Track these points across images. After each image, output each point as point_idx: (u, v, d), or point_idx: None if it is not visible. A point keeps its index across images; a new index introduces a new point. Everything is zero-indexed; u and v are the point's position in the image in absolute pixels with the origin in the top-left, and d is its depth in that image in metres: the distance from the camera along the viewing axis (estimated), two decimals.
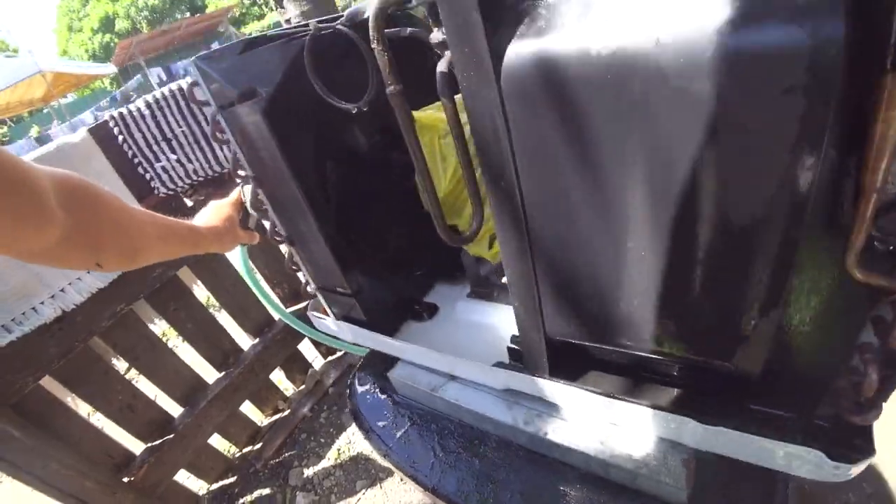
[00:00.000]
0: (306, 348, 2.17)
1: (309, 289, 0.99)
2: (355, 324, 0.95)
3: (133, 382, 1.57)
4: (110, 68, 16.52)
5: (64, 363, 1.36)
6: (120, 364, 1.58)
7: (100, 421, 1.52)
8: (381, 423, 0.93)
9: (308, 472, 1.84)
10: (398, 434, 0.90)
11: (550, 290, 0.64)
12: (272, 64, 0.75)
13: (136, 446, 1.60)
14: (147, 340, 1.60)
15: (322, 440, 1.93)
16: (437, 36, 0.50)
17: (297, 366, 2.11)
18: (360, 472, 1.79)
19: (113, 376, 1.53)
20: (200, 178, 1.58)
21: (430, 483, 0.84)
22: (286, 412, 2.04)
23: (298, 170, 0.76)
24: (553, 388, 0.76)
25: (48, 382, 1.36)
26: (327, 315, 1.01)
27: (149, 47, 17.92)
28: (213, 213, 0.93)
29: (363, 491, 1.73)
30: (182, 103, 1.48)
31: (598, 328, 0.63)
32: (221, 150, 1.58)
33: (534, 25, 0.45)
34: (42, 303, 1.27)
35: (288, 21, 2.34)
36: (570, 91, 0.44)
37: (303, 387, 2.13)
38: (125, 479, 1.51)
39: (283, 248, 1.00)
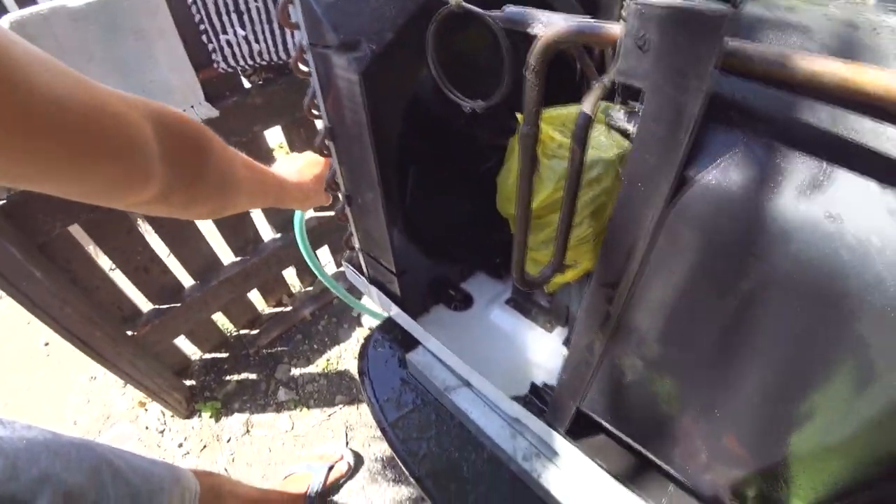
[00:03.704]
0: (323, 254, 2.18)
1: (353, 243, 0.94)
2: (387, 295, 0.92)
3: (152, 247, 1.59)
4: None
5: (92, 215, 1.36)
6: (144, 226, 1.57)
7: (116, 277, 1.55)
8: (385, 397, 0.94)
9: (295, 371, 1.93)
10: (399, 414, 0.91)
11: (610, 376, 0.60)
12: (387, 13, 0.63)
13: (144, 305, 1.66)
14: None
15: (315, 346, 2.00)
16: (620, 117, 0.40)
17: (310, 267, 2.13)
18: (343, 388, 1.87)
19: (135, 237, 1.53)
20: (264, 62, 1.45)
21: (416, 472, 0.87)
22: (288, 308, 2.10)
23: (381, 144, 0.67)
24: (563, 445, 0.75)
25: (75, 231, 1.37)
26: (362, 273, 0.98)
27: None
28: (305, 168, 0.84)
29: (340, 406, 1.82)
30: None
31: (646, 434, 0.60)
32: (293, 36, 1.44)
33: (746, 167, 0.35)
34: None
35: None
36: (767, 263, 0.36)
37: (310, 288, 2.17)
38: (129, 332, 1.59)
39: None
